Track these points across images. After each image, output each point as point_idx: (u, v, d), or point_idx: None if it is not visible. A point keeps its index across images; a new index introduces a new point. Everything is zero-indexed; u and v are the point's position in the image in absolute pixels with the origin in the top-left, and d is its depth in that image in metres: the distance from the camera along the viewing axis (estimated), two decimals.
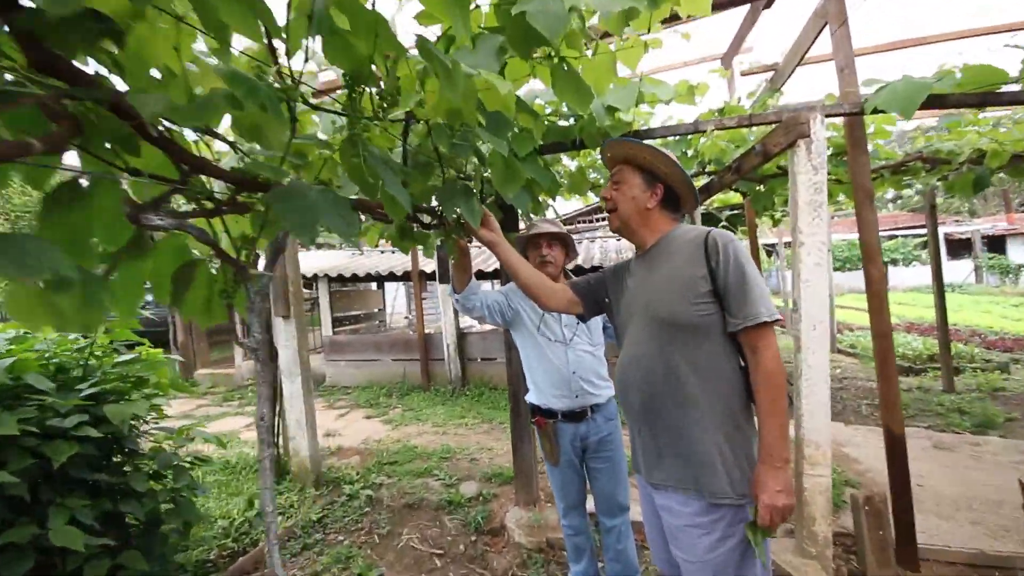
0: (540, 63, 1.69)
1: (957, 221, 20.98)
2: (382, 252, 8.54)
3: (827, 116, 2.54)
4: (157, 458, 2.13)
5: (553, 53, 1.61)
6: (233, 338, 1.11)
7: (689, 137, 3.63)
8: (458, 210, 1.44)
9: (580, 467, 2.11)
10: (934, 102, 2.30)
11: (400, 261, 7.37)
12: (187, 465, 2.35)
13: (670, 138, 3.62)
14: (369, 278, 7.05)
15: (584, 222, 13.00)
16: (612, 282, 1.60)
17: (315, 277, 7.17)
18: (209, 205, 0.95)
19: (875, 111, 2.37)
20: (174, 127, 0.88)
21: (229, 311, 1.04)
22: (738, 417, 1.29)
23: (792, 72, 3.64)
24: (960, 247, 19.42)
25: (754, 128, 3.34)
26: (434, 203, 1.77)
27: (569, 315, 1.92)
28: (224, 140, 1.02)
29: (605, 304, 1.62)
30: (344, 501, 3.31)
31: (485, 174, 2.20)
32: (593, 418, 2.05)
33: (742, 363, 1.32)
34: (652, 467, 1.38)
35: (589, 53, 1.69)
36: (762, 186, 4.00)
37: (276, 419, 3.62)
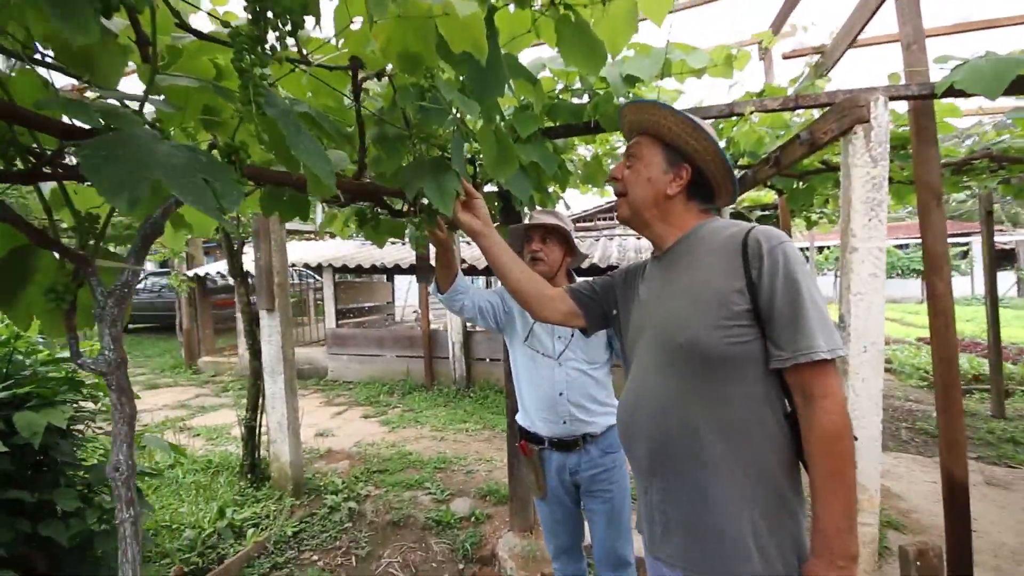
0: (544, 13, 1.35)
1: (1000, 230, 19.89)
2: (393, 243, 8.28)
3: (891, 99, 2.15)
4: (92, 471, 1.87)
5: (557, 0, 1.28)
6: (73, 359, 0.83)
7: (720, 124, 3.24)
8: (425, 193, 1.11)
9: (573, 505, 1.78)
10: (1020, 85, 1.89)
11: (409, 253, 7.10)
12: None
13: None
14: (375, 270, 6.79)
15: (605, 219, 12.58)
16: (622, 289, 1.26)
17: (320, 267, 6.94)
18: (21, 166, 0.65)
19: (949, 93, 1.96)
20: None
21: (67, 318, 0.74)
22: (781, 487, 0.94)
23: (842, 55, 3.21)
24: (1001, 258, 18.41)
25: (797, 115, 2.94)
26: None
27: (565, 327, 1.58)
28: (68, 73, 0.71)
29: (613, 317, 1.28)
30: (325, 514, 3.03)
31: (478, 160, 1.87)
32: (587, 449, 1.71)
33: (788, 410, 0.97)
34: (658, 538, 1.04)
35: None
36: (801, 183, 3.59)
37: (258, 420, 3.38)
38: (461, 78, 1.20)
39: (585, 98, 2.16)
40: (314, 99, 1.09)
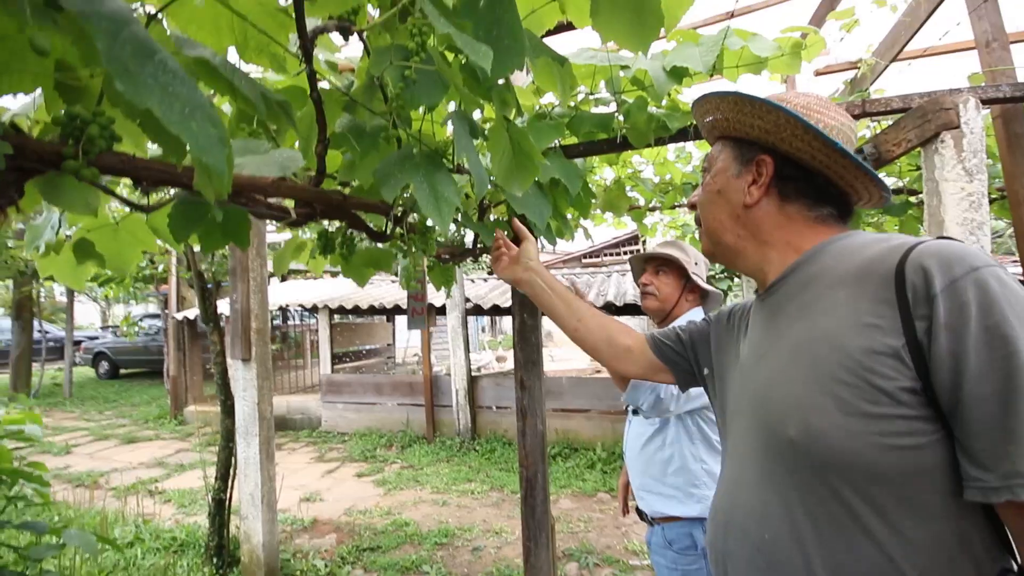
0: None
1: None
2: (392, 281, 7.93)
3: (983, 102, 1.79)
4: None
5: None
6: None
7: None
8: (402, 209, 0.73)
9: None
10: None
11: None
12: None
13: None
14: (374, 311, 6.39)
15: (611, 254, 12.28)
16: (720, 341, 0.88)
17: (315, 308, 6.55)
18: None
19: None
20: None
21: None
22: None
23: (885, 68, 2.91)
24: None
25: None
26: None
27: None
28: None
29: (706, 378, 0.91)
30: None
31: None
32: (653, 530, 1.49)
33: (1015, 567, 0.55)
34: None
35: None
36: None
37: (228, 490, 2.90)
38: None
39: (612, 107, 1.82)
40: (242, 58, 0.72)
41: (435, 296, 5.76)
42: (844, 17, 1.77)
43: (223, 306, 3.96)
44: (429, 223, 1.03)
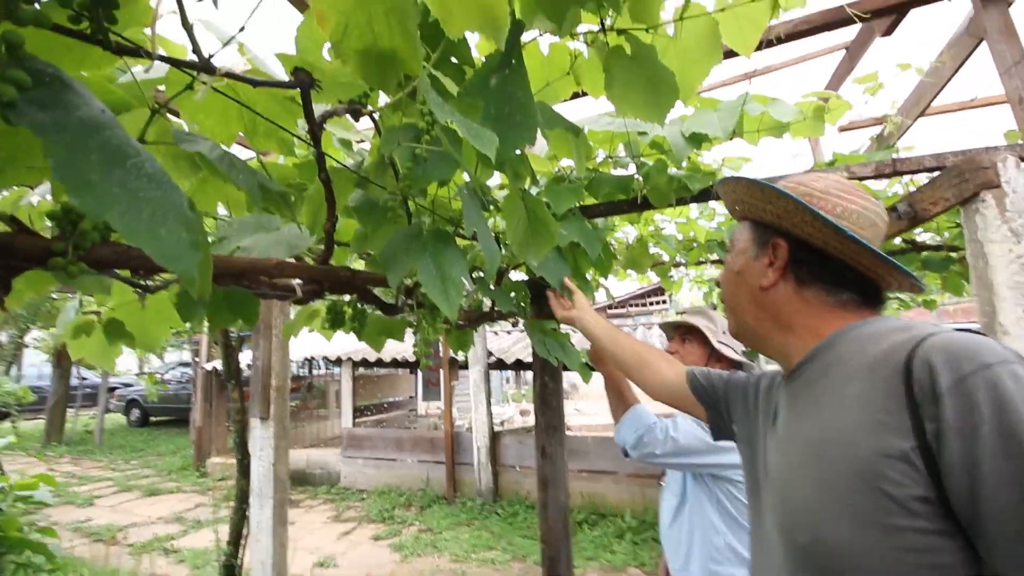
0: (589, 44, 1.02)
1: None
2: (415, 334, 7.93)
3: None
4: None
5: (608, 22, 0.94)
6: None
7: None
8: (413, 281, 0.70)
9: None
10: None
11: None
12: None
13: None
14: (397, 364, 6.37)
15: (636, 305, 12.11)
16: (752, 405, 0.84)
17: (338, 360, 6.58)
18: None
19: None
20: None
21: None
22: None
23: (911, 124, 2.86)
24: None
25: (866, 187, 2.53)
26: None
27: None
28: None
29: (736, 436, 0.89)
30: None
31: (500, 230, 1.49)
32: None
33: None
34: None
35: (669, 29, 1.00)
36: None
37: (240, 556, 2.80)
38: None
39: (631, 168, 1.81)
40: (251, 144, 0.73)
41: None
42: (868, 81, 1.75)
43: (247, 358, 4.00)
44: None
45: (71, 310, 1.08)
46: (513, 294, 1.66)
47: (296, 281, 0.83)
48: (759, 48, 1.06)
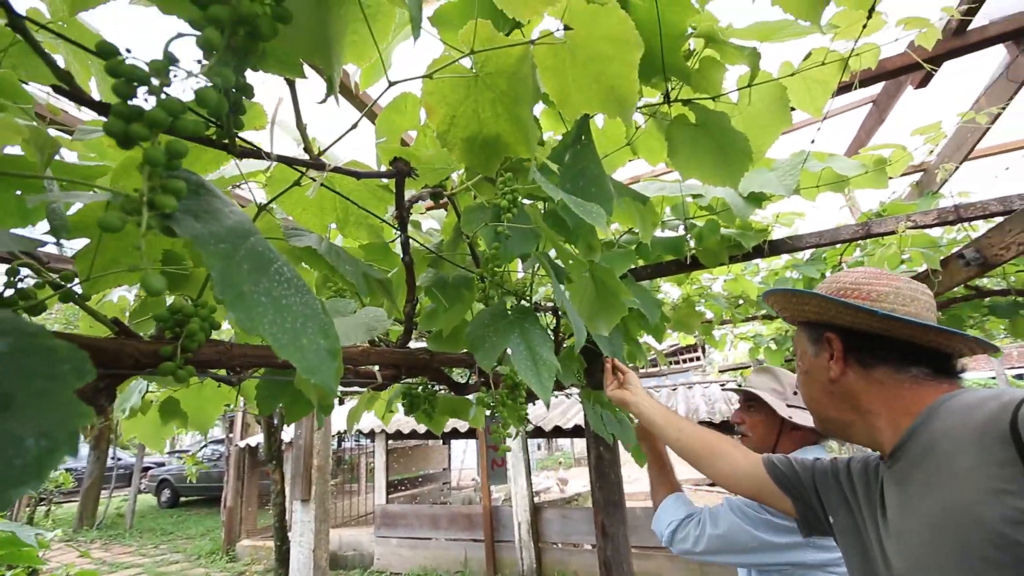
0: (651, 116, 1.03)
1: None
2: None
3: None
4: None
5: (672, 88, 0.95)
6: None
7: (824, 255, 2.78)
8: (500, 366, 0.66)
9: None
10: None
11: None
12: None
13: (801, 255, 2.79)
14: (431, 436, 6.21)
15: (670, 363, 11.74)
16: (850, 493, 0.81)
17: (372, 433, 6.45)
18: None
19: None
20: None
21: None
22: None
23: (956, 169, 2.81)
24: None
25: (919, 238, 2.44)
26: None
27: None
28: None
29: (833, 527, 0.84)
30: None
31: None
32: None
33: None
34: None
35: (733, 96, 1.00)
36: (939, 313, 2.93)
37: None
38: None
39: (680, 230, 1.79)
40: (342, 233, 0.73)
41: None
42: (929, 131, 1.73)
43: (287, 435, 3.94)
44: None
45: (135, 392, 1.07)
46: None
47: (375, 367, 0.80)
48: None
